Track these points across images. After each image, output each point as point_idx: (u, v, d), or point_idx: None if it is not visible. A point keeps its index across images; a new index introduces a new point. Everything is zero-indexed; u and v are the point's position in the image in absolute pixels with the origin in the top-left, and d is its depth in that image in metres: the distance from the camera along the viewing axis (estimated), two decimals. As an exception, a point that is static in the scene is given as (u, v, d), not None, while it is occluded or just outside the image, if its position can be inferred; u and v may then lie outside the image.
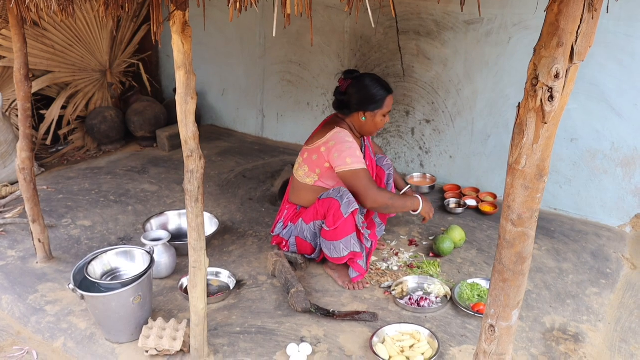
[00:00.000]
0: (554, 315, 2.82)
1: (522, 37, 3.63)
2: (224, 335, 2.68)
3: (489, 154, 4.04)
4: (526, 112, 1.32)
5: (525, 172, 1.37)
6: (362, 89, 2.91)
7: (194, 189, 2.20)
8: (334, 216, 2.84)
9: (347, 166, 2.84)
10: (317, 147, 2.94)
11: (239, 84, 5.35)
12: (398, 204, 2.94)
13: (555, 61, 1.27)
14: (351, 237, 2.88)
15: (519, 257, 1.47)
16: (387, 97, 2.93)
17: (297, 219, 3.07)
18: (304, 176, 3.03)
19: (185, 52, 2.02)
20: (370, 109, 2.91)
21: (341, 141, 2.87)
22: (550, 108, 1.28)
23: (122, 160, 4.88)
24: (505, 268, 1.50)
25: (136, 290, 2.53)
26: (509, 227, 1.44)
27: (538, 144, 1.33)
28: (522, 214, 1.41)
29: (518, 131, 1.36)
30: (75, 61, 5.00)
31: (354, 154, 2.84)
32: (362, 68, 4.43)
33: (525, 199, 1.39)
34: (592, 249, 3.40)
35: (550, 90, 1.27)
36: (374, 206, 2.88)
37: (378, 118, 2.95)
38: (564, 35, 1.25)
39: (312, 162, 2.97)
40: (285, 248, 3.18)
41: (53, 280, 3.12)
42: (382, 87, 2.92)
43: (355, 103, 2.93)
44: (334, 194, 2.87)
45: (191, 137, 2.14)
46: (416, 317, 2.81)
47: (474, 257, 3.33)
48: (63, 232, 3.65)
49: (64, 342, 2.69)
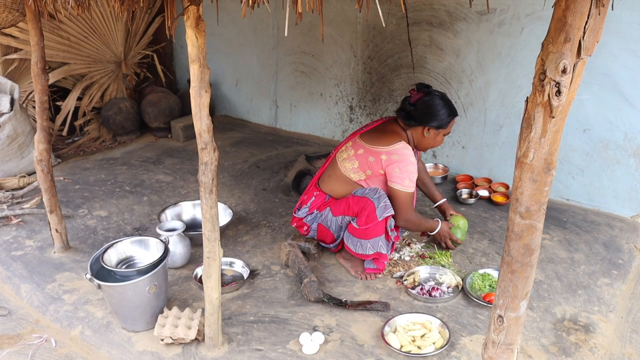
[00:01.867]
0: (565, 305, 2.83)
1: (535, 27, 3.61)
2: (237, 324, 2.73)
3: (501, 144, 4.04)
4: (534, 106, 1.34)
5: (533, 166, 1.39)
6: (433, 106, 2.95)
7: (208, 181, 2.23)
8: (368, 217, 2.88)
9: (404, 187, 2.91)
10: (378, 152, 2.94)
11: (253, 75, 5.38)
12: (423, 227, 3.18)
13: (562, 56, 1.28)
14: (379, 238, 2.93)
15: (527, 249, 1.49)
16: (453, 119, 3.00)
17: (324, 208, 3.09)
18: (351, 170, 3.03)
19: (199, 46, 2.05)
20: (436, 126, 2.96)
21: (406, 160, 2.91)
22: (557, 102, 1.30)
23: (137, 151, 4.95)
24: (513, 260, 1.52)
25: (152, 279, 2.59)
26: (517, 220, 1.47)
27: (545, 137, 1.35)
28: (530, 206, 1.43)
29: (526, 125, 1.37)
30: (91, 53, 5.05)
31: (412, 178, 2.92)
32: (374, 59, 4.45)
33: (533, 192, 1.41)
34: (604, 239, 3.40)
35: (557, 85, 1.29)
36: (403, 225, 3.06)
37: (440, 137, 3.02)
38: (571, 31, 1.26)
39: (365, 162, 2.98)
40: (305, 233, 3.21)
41: (70, 269, 3.19)
42: (450, 109, 2.98)
43: (422, 117, 2.96)
44: (371, 194, 2.91)
45: (205, 130, 2.17)
46: (427, 306, 2.84)
47: (485, 247, 3.35)
48: (80, 222, 3.72)
49: (82, 330, 2.76)
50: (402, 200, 2.94)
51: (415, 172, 2.93)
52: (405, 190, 2.91)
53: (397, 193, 2.92)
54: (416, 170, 2.95)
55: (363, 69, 4.57)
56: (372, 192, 2.91)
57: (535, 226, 1.45)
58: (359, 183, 3.03)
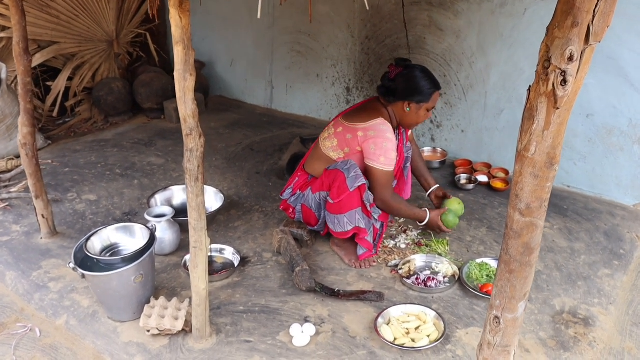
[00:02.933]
0: (564, 297, 2.75)
1: (539, 8, 3.48)
2: (227, 314, 2.65)
3: (501, 128, 3.93)
4: (537, 96, 1.23)
5: (535, 160, 1.28)
6: (412, 79, 2.83)
7: (193, 168, 2.14)
8: (339, 188, 2.78)
9: (379, 164, 2.81)
10: (355, 129, 2.85)
11: (248, 54, 5.24)
12: (405, 214, 3.01)
13: (569, 42, 1.17)
14: (356, 211, 2.82)
15: (527, 247, 1.39)
16: (435, 92, 2.86)
17: (306, 188, 3.01)
18: (330, 148, 2.95)
19: (183, 27, 1.95)
20: (416, 100, 2.83)
21: (382, 136, 2.80)
22: (562, 93, 1.19)
23: (129, 133, 4.84)
24: (511, 259, 1.43)
25: (137, 269, 2.50)
26: (516, 217, 1.37)
27: (549, 130, 1.24)
28: (531, 203, 1.33)
29: (528, 116, 1.27)
30: (81, 31, 4.92)
31: (389, 155, 2.81)
32: (372, 39, 4.31)
33: (535, 187, 1.31)
34: (606, 228, 3.31)
35: (563, 73, 1.18)
36: (381, 206, 2.93)
37: (422, 112, 2.87)
38: (580, 14, 1.15)
39: (344, 140, 2.89)
40: (291, 215, 3.13)
41: (57, 256, 3.10)
42: (431, 81, 2.85)
43: (402, 92, 2.84)
44: (341, 165, 2.81)
45: (190, 115, 2.08)
46: (423, 297, 2.76)
47: (483, 235, 3.26)
48: (68, 206, 3.63)
49: (67, 319, 2.68)
50: (376, 179, 2.84)
51: (392, 150, 2.81)
52: (380, 168, 2.81)
53: (373, 171, 2.83)
54: (394, 147, 2.83)
55: (360, 49, 4.44)
56: (342, 164, 2.82)
57: (536, 224, 1.36)
58: (337, 161, 2.93)
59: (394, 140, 2.85)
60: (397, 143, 2.96)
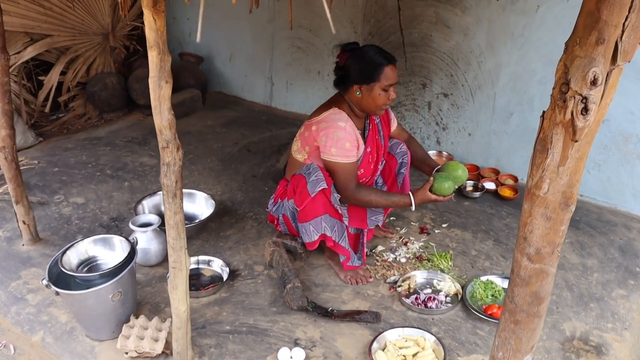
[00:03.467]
0: (575, 321, 2.55)
1: (552, 5, 3.25)
2: (212, 334, 2.48)
3: (511, 132, 3.72)
4: (552, 125, 1.03)
5: (548, 200, 1.09)
6: (359, 60, 2.59)
7: (171, 184, 1.96)
8: (301, 195, 2.60)
9: (331, 156, 2.58)
10: (310, 124, 2.67)
11: (247, 49, 5.04)
12: (383, 204, 2.68)
13: (592, 62, 0.97)
14: (322, 218, 2.61)
15: (535, 297, 1.20)
16: (384, 68, 2.54)
17: (284, 196, 2.82)
18: (296, 151, 2.77)
19: (157, 29, 1.75)
20: (365, 82, 2.57)
21: (332, 126, 2.58)
22: (583, 123, 0.99)
23: (122, 130, 4.66)
24: (517, 308, 1.23)
25: (115, 286, 2.33)
26: (524, 262, 1.17)
27: (565, 166, 1.04)
28: (542, 248, 1.14)
29: (540, 149, 1.07)
30: (75, 24, 4.72)
31: (341, 145, 2.56)
32: (376, 35, 4.10)
33: (546, 231, 1.12)
34: (621, 242, 3.11)
35: (584, 100, 0.98)
36: (350, 202, 2.69)
37: (376, 92, 2.57)
38: (606, 29, 0.95)
39: (304, 139, 2.71)
40: (278, 228, 2.95)
41: (38, 265, 2.94)
42: (380, 57, 2.56)
43: (349, 77, 2.62)
44: (304, 170, 2.64)
45: (166, 126, 1.88)
46: (422, 318, 2.57)
47: (489, 249, 3.07)
48: (54, 209, 3.46)
49: (43, 336, 2.52)
50: (336, 173, 2.61)
51: (345, 139, 2.56)
52: (335, 161, 2.58)
53: (330, 165, 2.61)
54: (348, 135, 2.57)
55: (364, 46, 4.23)
56: (305, 168, 2.63)
57: (547, 271, 1.16)
58: (304, 163, 2.73)
59: (350, 129, 2.60)
60: (358, 133, 2.68)
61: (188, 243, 3.09)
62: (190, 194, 3.36)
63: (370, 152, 2.77)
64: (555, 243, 1.13)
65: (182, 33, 5.49)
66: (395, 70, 2.59)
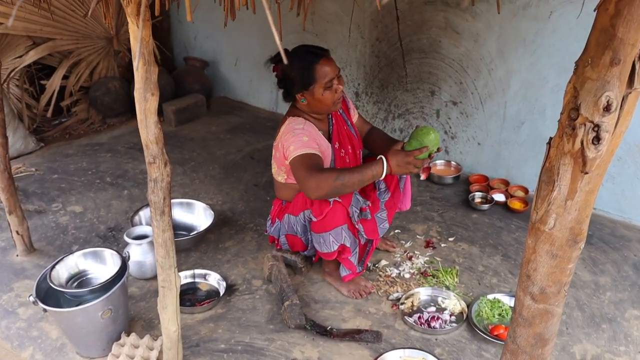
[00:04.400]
0: (585, 343, 2.43)
1: (566, 11, 3.13)
2: (205, 353, 2.38)
3: (521, 142, 3.59)
4: (559, 155, 0.92)
5: (554, 236, 0.98)
6: (290, 68, 2.46)
7: (159, 200, 1.86)
8: (320, 204, 2.45)
9: (291, 154, 2.42)
10: (276, 144, 2.58)
11: (253, 54, 4.95)
12: (353, 180, 2.28)
13: (606, 86, 0.86)
14: (342, 228, 2.48)
15: (539, 339, 1.09)
16: (315, 67, 2.40)
17: (282, 215, 2.71)
18: (276, 173, 2.69)
19: (142, 39, 1.66)
20: (304, 87, 2.45)
21: (288, 130, 2.49)
22: (594, 154, 0.88)
23: (125, 136, 4.58)
24: (520, 349, 1.13)
25: (105, 303, 2.24)
26: (527, 302, 1.07)
27: (574, 200, 0.93)
28: (546, 287, 1.03)
29: (547, 180, 0.96)
30: (78, 28, 4.65)
31: (299, 139, 2.43)
32: (383, 41, 3.99)
33: (552, 269, 1.01)
34: (635, 259, 2.97)
35: (596, 128, 0.87)
36: (320, 194, 2.31)
37: (318, 93, 2.43)
38: (622, 49, 0.84)
39: (277, 160, 2.61)
40: (278, 246, 2.85)
41: (31, 276, 2.87)
42: (308, 57, 2.42)
43: (290, 87, 2.51)
44: None
45: (153, 141, 1.80)
46: (425, 338, 2.46)
47: (497, 265, 2.94)
48: (51, 218, 3.39)
49: (32, 353, 2.44)
50: (299, 167, 2.37)
51: (301, 134, 2.43)
52: (296, 154, 2.39)
53: (293, 163, 2.41)
54: (305, 132, 2.45)
55: (371, 51, 4.12)
56: None
57: (552, 312, 1.06)
58: (288, 183, 2.64)
59: (310, 129, 2.49)
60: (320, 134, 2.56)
61: (185, 255, 3.04)
62: (189, 204, 3.27)
63: (339, 147, 2.66)
64: (561, 282, 1.02)
65: (187, 36, 5.41)
66: (330, 62, 2.44)
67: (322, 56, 2.44)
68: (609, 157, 0.91)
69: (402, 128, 4.14)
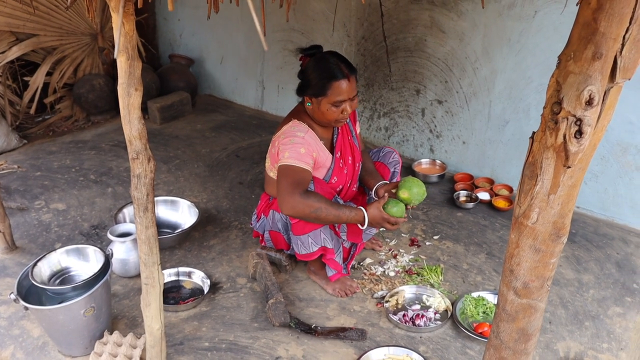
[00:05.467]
0: (569, 340, 2.45)
1: (550, 11, 3.15)
2: (189, 351, 2.37)
3: (506, 141, 3.61)
4: (542, 149, 0.93)
5: (537, 230, 0.98)
6: (313, 69, 2.43)
7: (142, 197, 1.84)
8: None
9: (283, 160, 2.40)
10: (274, 140, 2.55)
11: (238, 52, 4.93)
12: (328, 218, 2.33)
13: (588, 80, 0.86)
14: (321, 230, 2.48)
15: (522, 333, 1.09)
16: (333, 83, 2.36)
17: (269, 211, 2.70)
18: (269, 169, 2.66)
19: (126, 34, 1.64)
20: (314, 94, 2.42)
21: (289, 134, 2.45)
22: (576, 148, 0.89)
23: (109, 133, 4.54)
24: (503, 345, 1.13)
25: (88, 301, 2.21)
26: (510, 297, 1.07)
27: (556, 194, 0.94)
28: (529, 282, 1.03)
29: (529, 174, 0.96)
30: (62, 24, 4.60)
31: (295, 149, 2.40)
32: (369, 39, 3.99)
33: (535, 264, 1.01)
34: (618, 257, 3.00)
35: (578, 122, 0.87)
36: (292, 214, 2.35)
37: (324, 107, 2.41)
38: (604, 43, 0.84)
39: (271, 155, 2.59)
40: (262, 242, 2.84)
41: (12, 274, 2.83)
42: (333, 70, 2.37)
43: (304, 86, 2.48)
44: None
45: (136, 137, 1.78)
46: (410, 336, 2.46)
47: (482, 262, 2.96)
48: (34, 216, 3.35)
49: (13, 351, 2.40)
50: (284, 177, 2.37)
51: (300, 144, 2.40)
52: (286, 164, 2.38)
53: (280, 170, 2.40)
54: (304, 144, 2.41)
55: (356, 50, 4.13)
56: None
57: (535, 306, 1.06)
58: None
59: (310, 140, 2.45)
60: (321, 143, 2.53)
61: (170, 253, 3.01)
62: (174, 202, 3.25)
63: (340, 157, 2.63)
64: (544, 277, 1.03)
65: (173, 34, 5.38)
66: (350, 84, 2.38)
67: (345, 76, 2.36)
68: (591, 151, 0.92)
69: (387, 127, 4.15)
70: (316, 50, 2.50)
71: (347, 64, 2.42)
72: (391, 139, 4.17)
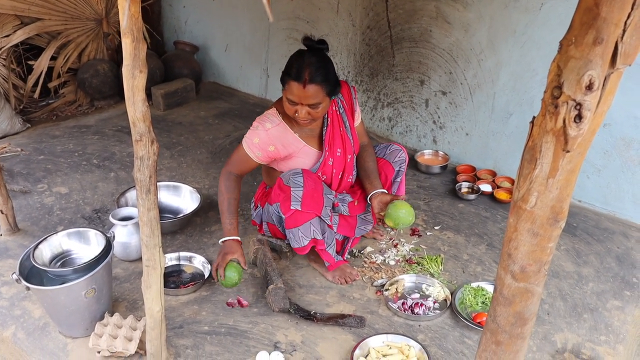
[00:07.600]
0: (567, 332, 2.46)
1: (556, 3, 3.14)
2: (189, 334, 2.38)
3: (509, 134, 3.61)
4: (542, 133, 0.93)
5: (535, 214, 0.99)
6: (288, 59, 2.43)
7: (144, 178, 1.85)
8: (286, 201, 2.49)
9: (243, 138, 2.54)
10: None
11: (243, 40, 4.92)
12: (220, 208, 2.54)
13: (589, 65, 0.86)
14: (311, 223, 2.50)
15: (519, 317, 1.10)
16: (288, 80, 2.34)
17: (265, 201, 2.72)
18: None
19: (132, 16, 1.64)
20: (283, 84, 2.41)
21: (260, 121, 2.52)
22: (576, 132, 0.89)
23: (112, 119, 4.55)
24: (499, 328, 1.14)
25: (89, 282, 2.23)
26: (507, 280, 1.07)
27: (555, 178, 0.94)
28: (527, 266, 1.04)
29: (529, 158, 0.97)
30: (68, 8, 4.60)
31: (251, 136, 2.50)
32: (374, 29, 3.98)
33: (533, 248, 1.02)
34: (618, 252, 3.00)
35: (578, 106, 0.88)
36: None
37: (284, 99, 2.42)
38: (605, 28, 0.84)
39: None
40: (261, 231, 2.86)
41: (14, 256, 2.85)
42: (292, 67, 2.34)
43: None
44: (286, 175, 2.54)
45: (140, 119, 1.78)
46: (409, 324, 2.47)
47: (482, 253, 2.96)
48: (36, 199, 3.37)
49: (15, 331, 2.43)
50: (234, 150, 2.61)
51: (257, 135, 2.46)
52: (242, 141, 2.55)
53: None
54: (263, 135, 2.45)
55: (361, 39, 4.12)
56: (287, 173, 2.54)
57: (532, 291, 1.06)
58: (271, 168, 2.70)
59: (276, 133, 2.47)
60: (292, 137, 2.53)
61: (171, 237, 3.03)
62: (176, 187, 3.26)
63: (327, 153, 2.61)
64: (542, 261, 1.03)
65: (178, 21, 5.38)
66: (304, 91, 2.29)
67: (302, 81, 2.29)
68: (590, 136, 0.92)
69: (390, 117, 4.15)
70: (311, 43, 2.44)
71: (317, 71, 2.31)
72: (394, 130, 4.17)
